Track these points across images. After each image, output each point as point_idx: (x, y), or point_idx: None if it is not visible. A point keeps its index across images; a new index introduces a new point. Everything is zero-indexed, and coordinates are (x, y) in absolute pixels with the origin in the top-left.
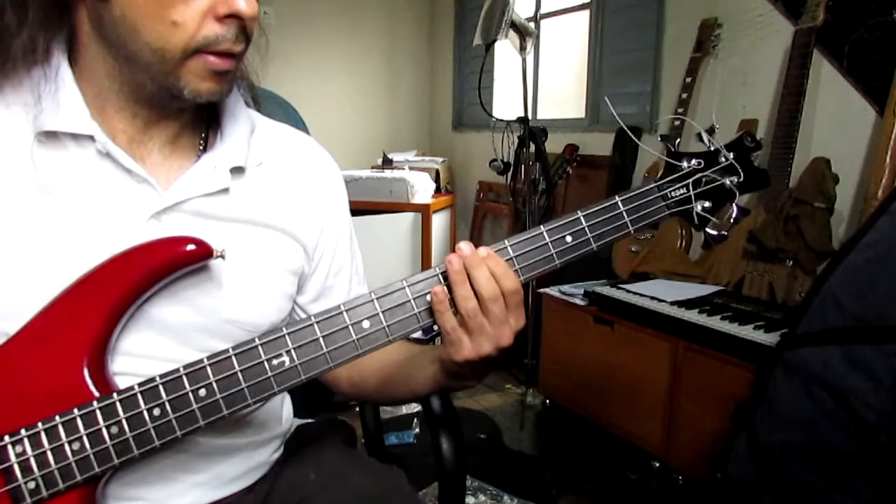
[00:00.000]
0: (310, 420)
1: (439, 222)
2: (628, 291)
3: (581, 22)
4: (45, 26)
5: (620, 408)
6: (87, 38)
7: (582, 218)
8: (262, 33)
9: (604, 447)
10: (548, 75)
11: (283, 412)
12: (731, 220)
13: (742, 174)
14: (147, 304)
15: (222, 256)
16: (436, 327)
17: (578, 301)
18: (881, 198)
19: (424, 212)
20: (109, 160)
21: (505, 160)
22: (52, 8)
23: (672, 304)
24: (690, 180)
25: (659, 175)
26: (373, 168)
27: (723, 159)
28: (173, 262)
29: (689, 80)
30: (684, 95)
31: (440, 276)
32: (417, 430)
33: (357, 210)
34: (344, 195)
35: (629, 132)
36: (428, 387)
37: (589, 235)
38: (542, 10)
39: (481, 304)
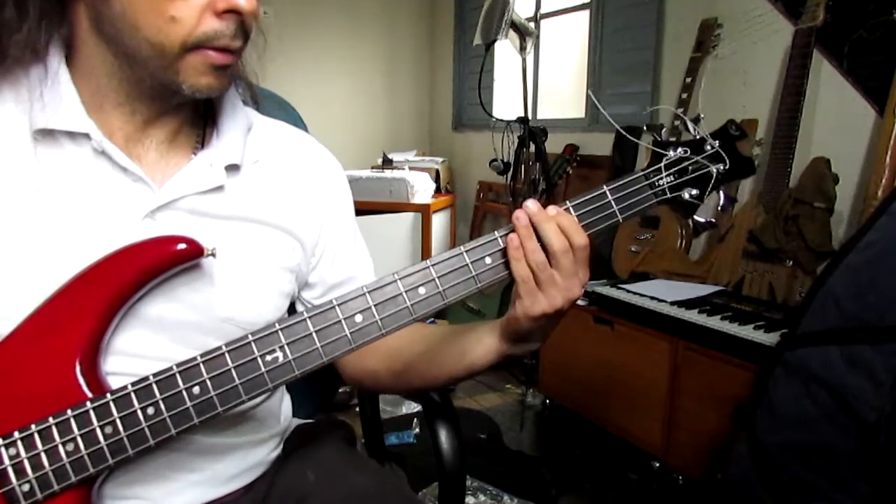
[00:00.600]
0: (309, 420)
1: (439, 222)
2: (628, 291)
3: (581, 22)
4: (45, 23)
5: (620, 408)
6: (86, 34)
7: (571, 208)
8: (260, 32)
9: (604, 447)
10: (548, 75)
11: (280, 411)
12: (719, 208)
13: (728, 161)
14: (140, 303)
15: (213, 255)
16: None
17: (578, 301)
18: (881, 198)
19: (424, 212)
20: (105, 158)
21: (505, 160)
22: (51, 5)
23: (672, 304)
24: (677, 168)
25: (646, 164)
26: (373, 168)
27: (708, 147)
28: (164, 262)
29: (688, 80)
30: (684, 95)
31: (431, 268)
32: (417, 430)
33: (357, 210)
34: (346, 191)
35: (621, 130)
36: (489, 358)
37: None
38: (542, 10)
39: (551, 258)
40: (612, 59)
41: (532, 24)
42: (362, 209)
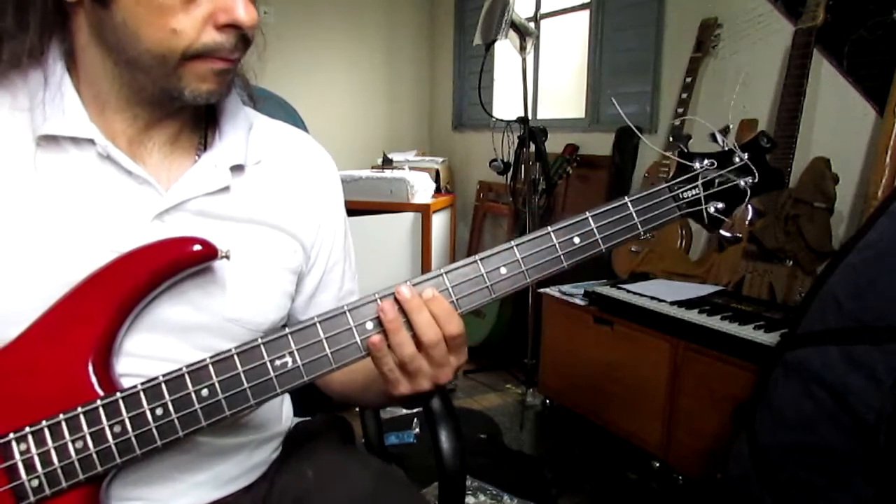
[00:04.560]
0: (307, 418)
1: (439, 222)
2: (628, 291)
3: (581, 22)
4: (44, 31)
5: (620, 408)
6: (86, 42)
7: (591, 219)
8: (260, 32)
9: (604, 447)
10: (548, 75)
11: (283, 411)
12: (747, 223)
13: (757, 175)
14: (151, 305)
15: (227, 257)
16: None
17: (578, 301)
18: (881, 198)
19: (424, 212)
20: (110, 162)
21: (505, 160)
22: (51, 13)
23: (672, 304)
24: (703, 181)
25: (670, 175)
26: (373, 168)
27: (737, 159)
28: (179, 263)
29: (689, 80)
30: (684, 95)
31: (444, 276)
32: (417, 430)
33: (357, 210)
34: (339, 192)
35: (634, 128)
36: (380, 401)
37: (598, 237)
38: (542, 10)
39: (421, 349)
40: (612, 59)
41: (532, 24)
42: (362, 209)
